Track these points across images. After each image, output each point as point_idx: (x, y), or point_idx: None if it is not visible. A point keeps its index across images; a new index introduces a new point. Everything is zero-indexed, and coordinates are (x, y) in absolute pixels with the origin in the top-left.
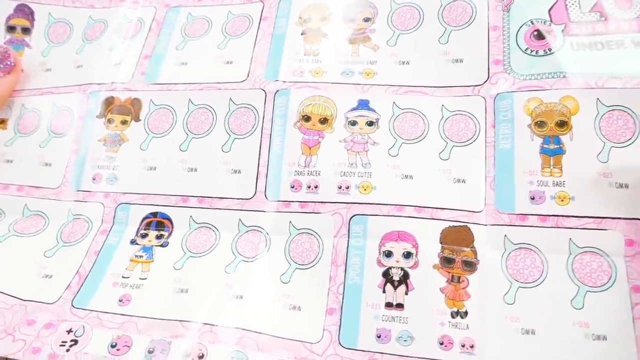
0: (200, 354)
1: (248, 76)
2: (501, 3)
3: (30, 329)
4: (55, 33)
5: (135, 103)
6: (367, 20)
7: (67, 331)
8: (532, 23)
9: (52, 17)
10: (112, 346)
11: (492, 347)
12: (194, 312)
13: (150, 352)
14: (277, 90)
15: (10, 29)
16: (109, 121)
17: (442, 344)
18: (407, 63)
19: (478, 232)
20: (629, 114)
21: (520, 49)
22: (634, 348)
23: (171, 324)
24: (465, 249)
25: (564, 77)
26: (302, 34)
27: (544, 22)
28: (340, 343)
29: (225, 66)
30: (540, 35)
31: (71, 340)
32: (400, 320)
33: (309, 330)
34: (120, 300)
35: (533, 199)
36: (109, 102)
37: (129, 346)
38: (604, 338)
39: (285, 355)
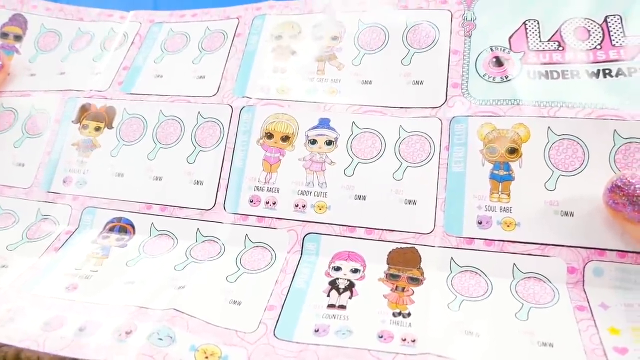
0: (129, 330)
1: (218, 91)
2: (463, 28)
3: None
4: (44, 41)
5: (110, 111)
6: (334, 38)
7: (7, 310)
8: (491, 50)
9: (44, 27)
10: (46, 323)
11: (435, 342)
12: (133, 298)
13: (81, 329)
14: (244, 107)
15: (3, 35)
16: (84, 127)
17: (381, 337)
18: (370, 82)
19: (425, 253)
20: (578, 143)
21: (479, 74)
22: (583, 356)
23: (110, 308)
24: (411, 269)
25: (518, 104)
26: (272, 51)
27: (504, 49)
28: (275, 335)
29: (197, 81)
30: (498, 62)
31: (9, 318)
32: (340, 317)
33: (245, 322)
34: (67, 287)
35: (480, 223)
36: (85, 108)
37: (62, 324)
38: (551, 345)
39: (214, 340)
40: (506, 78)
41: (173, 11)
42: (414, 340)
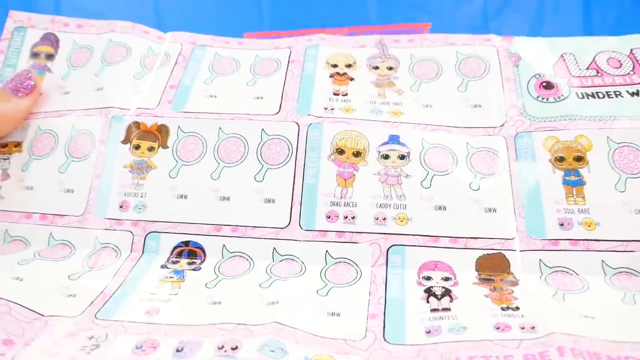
0: (234, 346)
1: (280, 110)
2: (510, 60)
3: (49, 337)
4: (76, 57)
5: (163, 129)
6: (390, 69)
7: (88, 338)
8: (539, 77)
9: (76, 44)
10: (137, 347)
11: (556, 325)
12: (226, 317)
13: (179, 350)
14: (310, 124)
15: (35, 55)
16: (135, 147)
17: (498, 328)
18: (430, 106)
19: (513, 258)
20: (637, 150)
21: (532, 96)
22: None
23: (203, 327)
24: (502, 274)
25: (575, 119)
26: (330, 77)
27: (550, 75)
28: (386, 340)
29: (255, 101)
30: (549, 85)
31: (92, 345)
32: (449, 317)
33: (350, 330)
34: (147, 312)
35: (562, 225)
36: (134, 127)
37: (155, 347)
38: None
39: (326, 351)
40: (559, 98)
41: (215, 36)
42: (533, 327)
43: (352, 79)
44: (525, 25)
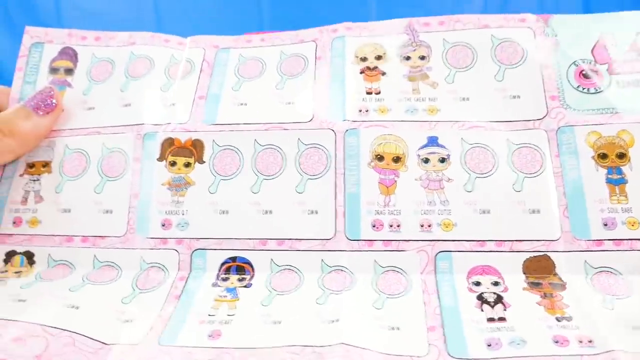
0: None
1: (313, 116)
2: (547, 43)
3: None
4: (97, 71)
5: (197, 144)
6: (422, 58)
7: None
8: (577, 64)
9: (95, 57)
10: None
11: (612, 340)
12: (291, 338)
13: None
14: (347, 130)
15: (54, 70)
16: (171, 164)
17: (557, 342)
18: (467, 99)
19: (558, 259)
20: None
21: (572, 86)
22: None
23: (269, 351)
24: (549, 276)
25: (616, 112)
26: (360, 73)
27: (589, 62)
28: (450, 354)
29: (287, 106)
30: (589, 74)
31: None
32: (507, 329)
33: (413, 346)
34: (210, 335)
35: (606, 225)
36: (168, 143)
37: None
38: None
39: None
40: (599, 89)
41: (236, 36)
42: (590, 341)
43: (383, 74)
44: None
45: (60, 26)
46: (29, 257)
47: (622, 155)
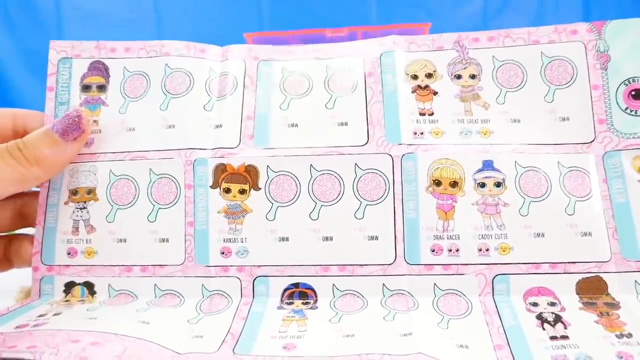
0: None
1: (368, 139)
2: (599, 61)
3: None
4: (131, 87)
5: (251, 170)
6: (473, 77)
7: None
8: (629, 82)
9: (127, 71)
10: None
11: None
12: (367, 348)
13: None
14: (404, 155)
15: (86, 88)
16: (225, 191)
17: (621, 358)
18: (518, 121)
19: (610, 280)
20: None
21: (620, 108)
22: None
23: (349, 358)
24: (602, 296)
25: None
26: (412, 92)
27: None
28: None
29: (340, 128)
30: (638, 95)
31: None
32: (571, 346)
33: None
34: (284, 347)
35: None
36: (221, 169)
37: None
38: None
39: None
40: None
41: (275, 46)
42: None
43: (435, 93)
44: (525, 26)
45: (60, 27)
46: (89, 287)
47: None
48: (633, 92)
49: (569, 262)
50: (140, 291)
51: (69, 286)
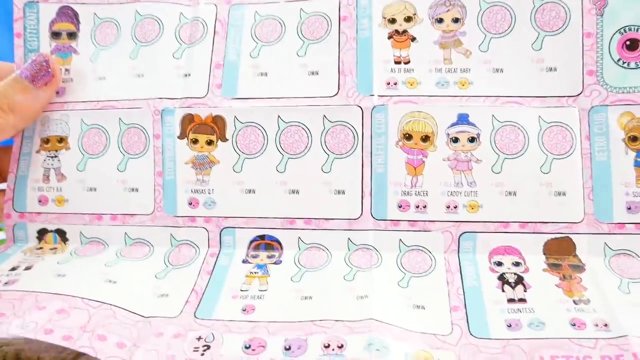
0: (340, 344)
1: (339, 90)
2: (595, 6)
3: (160, 340)
4: (102, 34)
5: (219, 121)
6: (456, 21)
7: (197, 338)
8: (624, 31)
9: (98, 18)
10: (247, 347)
11: (626, 325)
12: (322, 313)
13: (287, 349)
14: (374, 107)
15: (55, 35)
16: (193, 141)
17: (574, 325)
18: (501, 71)
19: (579, 241)
20: None
21: (613, 59)
22: None
23: (303, 324)
24: (568, 257)
25: None
26: (389, 38)
27: (637, 28)
28: (472, 334)
29: (310, 78)
30: (633, 44)
31: (203, 346)
32: (526, 310)
33: (438, 325)
34: (244, 310)
35: (630, 208)
36: (188, 120)
37: (263, 346)
38: None
39: (421, 346)
40: None
41: None
42: (606, 325)
43: (413, 39)
44: None
45: None
46: (61, 234)
47: None
48: (628, 42)
49: (539, 222)
50: (111, 239)
51: (42, 233)
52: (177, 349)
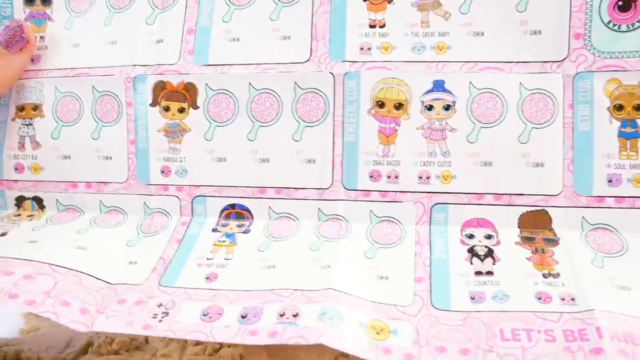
0: (295, 313)
1: (311, 55)
2: None
3: (122, 306)
4: (76, 1)
5: (190, 88)
6: None
7: (157, 305)
8: None
9: None
10: (204, 315)
11: (594, 299)
12: (283, 282)
13: (243, 317)
14: (346, 73)
15: (29, 1)
16: (165, 109)
17: (539, 298)
18: (482, 34)
19: (556, 214)
20: None
21: (603, 21)
22: None
23: (262, 293)
24: (544, 231)
25: None
26: (364, 1)
27: None
28: (433, 306)
29: (282, 42)
30: (626, 5)
31: (162, 313)
32: (492, 283)
33: (400, 295)
34: (207, 278)
35: (610, 181)
36: (160, 87)
37: (220, 314)
38: None
39: (378, 316)
40: (632, 26)
41: None
42: (573, 299)
43: (390, 1)
44: None
45: None
46: (39, 201)
47: (639, 107)
48: (620, 3)
49: (514, 194)
50: (87, 207)
51: (20, 200)
52: (136, 316)
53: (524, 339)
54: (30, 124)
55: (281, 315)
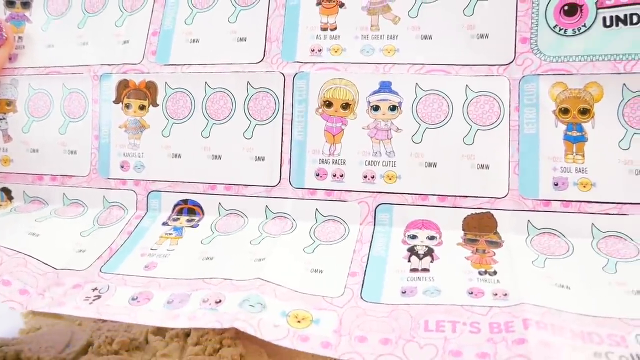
0: (218, 300)
1: (264, 56)
2: None
3: (59, 289)
4: (54, 4)
5: (151, 86)
6: None
7: (92, 289)
8: None
9: None
10: (133, 299)
11: (528, 294)
12: (215, 272)
13: (169, 302)
14: (296, 73)
15: (10, 3)
16: (127, 106)
17: (471, 293)
18: (430, 38)
19: (501, 218)
20: None
21: (549, 26)
22: None
23: (193, 282)
24: (488, 234)
25: (591, 60)
26: (317, 4)
27: None
28: (362, 298)
29: (238, 44)
30: (572, 9)
31: (95, 296)
32: (426, 279)
33: (329, 287)
34: (146, 266)
35: (556, 184)
36: (123, 85)
37: (149, 299)
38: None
39: (304, 306)
40: (578, 30)
41: None
42: (505, 294)
43: (342, 5)
44: None
45: None
46: (7, 192)
47: (585, 111)
48: (566, 7)
49: (459, 196)
50: (51, 199)
51: None
52: (70, 298)
53: (448, 330)
54: (4, 119)
55: (204, 302)
